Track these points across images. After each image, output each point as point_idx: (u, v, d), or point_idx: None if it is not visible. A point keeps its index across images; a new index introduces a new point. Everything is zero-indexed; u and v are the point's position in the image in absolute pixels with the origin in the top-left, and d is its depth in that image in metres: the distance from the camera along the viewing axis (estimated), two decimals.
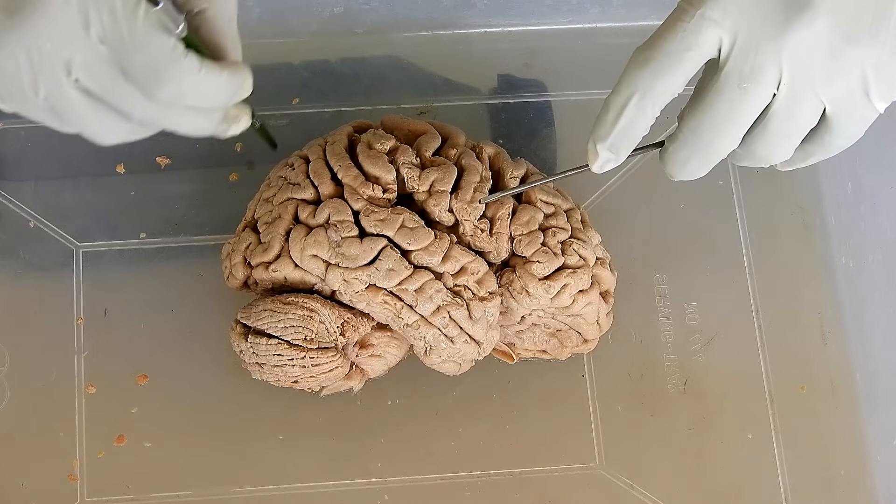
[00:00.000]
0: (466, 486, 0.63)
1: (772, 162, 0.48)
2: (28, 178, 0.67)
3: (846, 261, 0.68)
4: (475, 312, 0.58)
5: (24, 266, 0.66)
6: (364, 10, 0.69)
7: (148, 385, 0.64)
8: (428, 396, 0.64)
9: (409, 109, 0.69)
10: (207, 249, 0.66)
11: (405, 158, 0.59)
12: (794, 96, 0.45)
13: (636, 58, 0.45)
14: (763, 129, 0.46)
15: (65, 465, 0.62)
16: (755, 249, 0.68)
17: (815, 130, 0.47)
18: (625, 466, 0.64)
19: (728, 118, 0.45)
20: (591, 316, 0.61)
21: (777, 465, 0.64)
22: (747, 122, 0.46)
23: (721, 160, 0.48)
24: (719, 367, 0.66)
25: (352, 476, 0.63)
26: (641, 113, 0.45)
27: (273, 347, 0.58)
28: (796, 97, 0.45)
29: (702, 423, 0.65)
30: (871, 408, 0.65)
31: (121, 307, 0.65)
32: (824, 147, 0.47)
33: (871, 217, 0.67)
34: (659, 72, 0.44)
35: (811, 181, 0.70)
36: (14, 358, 0.64)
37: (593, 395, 0.65)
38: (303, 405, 0.63)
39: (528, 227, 0.59)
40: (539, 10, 0.71)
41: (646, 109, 0.45)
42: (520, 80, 0.71)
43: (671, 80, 0.45)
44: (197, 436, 0.63)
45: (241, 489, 0.62)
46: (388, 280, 0.56)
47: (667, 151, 0.49)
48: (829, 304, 0.68)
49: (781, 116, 0.45)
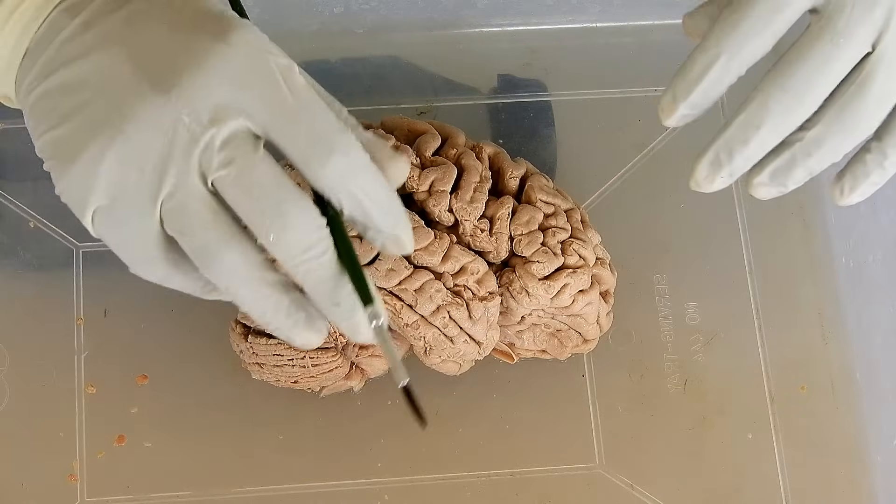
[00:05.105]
0: (466, 486, 0.63)
1: (858, 137, 0.45)
2: (28, 178, 0.67)
3: (846, 260, 0.68)
4: (475, 312, 0.58)
5: (24, 266, 0.66)
6: (364, 10, 0.69)
7: (148, 385, 0.64)
8: (428, 396, 0.64)
9: (409, 109, 0.69)
10: None
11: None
12: (892, 55, 0.43)
13: (726, 18, 0.44)
14: (857, 89, 0.44)
15: (65, 465, 0.62)
16: (755, 249, 0.68)
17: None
18: (625, 466, 0.64)
19: (816, 75, 0.43)
20: (591, 316, 0.61)
21: (777, 465, 0.64)
22: (834, 81, 0.44)
23: None
24: (719, 367, 0.66)
25: (352, 476, 0.63)
26: (726, 73, 0.44)
27: (273, 347, 0.58)
28: (894, 56, 0.43)
29: (702, 423, 0.65)
30: (871, 408, 0.65)
31: (121, 307, 0.65)
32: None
33: (871, 217, 0.67)
34: (749, 34, 0.43)
35: (811, 181, 0.69)
36: (14, 358, 0.64)
37: (593, 395, 0.65)
38: (303, 405, 0.63)
39: (528, 226, 0.59)
40: (539, 9, 0.71)
41: (730, 70, 0.44)
42: (520, 80, 0.71)
43: (760, 41, 0.43)
44: (197, 436, 0.63)
45: (241, 489, 0.62)
46: (387, 280, 0.56)
47: None
48: (829, 304, 0.68)
49: (877, 76, 0.43)
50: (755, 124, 0.44)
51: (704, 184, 0.46)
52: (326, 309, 0.42)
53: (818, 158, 0.45)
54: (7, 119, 0.68)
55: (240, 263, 0.41)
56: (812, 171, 0.46)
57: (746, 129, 0.44)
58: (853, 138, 0.45)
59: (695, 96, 0.45)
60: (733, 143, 0.45)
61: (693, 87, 0.45)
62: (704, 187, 0.47)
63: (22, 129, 0.43)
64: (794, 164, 0.45)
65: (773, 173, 0.46)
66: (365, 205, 0.41)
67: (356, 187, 0.41)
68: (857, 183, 0.46)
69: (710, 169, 0.46)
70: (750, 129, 0.44)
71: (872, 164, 0.46)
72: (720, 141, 0.45)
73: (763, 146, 0.45)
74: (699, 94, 0.45)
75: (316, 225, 0.41)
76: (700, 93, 0.45)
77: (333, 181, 0.41)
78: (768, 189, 0.47)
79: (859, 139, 0.45)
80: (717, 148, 0.45)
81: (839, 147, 0.45)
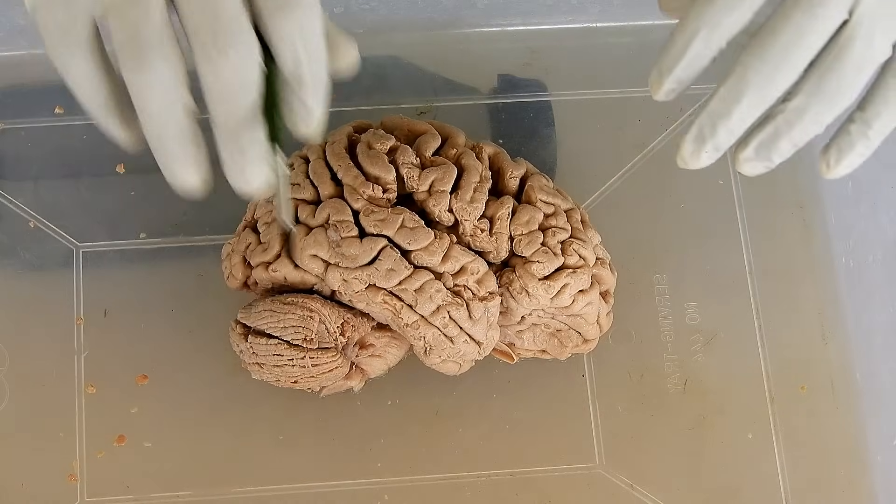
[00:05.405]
0: (466, 486, 0.63)
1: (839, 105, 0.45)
2: (28, 178, 0.67)
3: (846, 261, 0.68)
4: (475, 312, 0.58)
5: (24, 266, 0.66)
6: (364, 10, 0.69)
7: (148, 385, 0.64)
8: (428, 396, 0.64)
9: (409, 109, 0.69)
10: (207, 249, 0.66)
11: (405, 158, 0.59)
12: (868, 22, 0.43)
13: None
14: (836, 57, 0.44)
15: (65, 465, 0.62)
16: (755, 249, 0.68)
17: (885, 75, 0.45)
18: (625, 466, 0.64)
19: (794, 45, 0.43)
20: (591, 316, 0.61)
21: (777, 465, 0.64)
22: (812, 50, 0.44)
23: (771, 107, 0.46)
24: (719, 367, 0.66)
25: (352, 476, 0.63)
26: (706, 47, 0.45)
27: (273, 347, 0.58)
28: (871, 23, 0.43)
29: (702, 423, 0.65)
30: (871, 408, 0.66)
31: (121, 307, 0.65)
32: (888, 102, 0.45)
33: (871, 217, 0.67)
34: (726, 7, 0.44)
35: (811, 181, 0.70)
36: (14, 358, 0.64)
37: (593, 395, 0.65)
38: (303, 405, 0.63)
39: (527, 226, 0.59)
40: (539, 9, 0.71)
41: (711, 44, 0.45)
42: (520, 80, 0.71)
43: (737, 14, 0.44)
44: (197, 436, 0.63)
45: (241, 489, 0.62)
46: (387, 280, 0.56)
47: None
48: (829, 304, 0.68)
49: (855, 43, 0.43)
50: (736, 97, 0.45)
51: (691, 160, 0.47)
52: (229, 151, 0.43)
53: (801, 129, 0.45)
54: (7, 119, 0.68)
55: (167, 76, 0.41)
56: (796, 143, 0.46)
57: (728, 101, 0.45)
58: (835, 107, 0.45)
59: (679, 71, 0.46)
60: (716, 117, 0.45)
61: (676, 62, 0.45)
62: (691, 163, 0.47)
63: (22, 129, 0.43)
64: (777, 137, 0.46)
65: (758, 147, 0.46)
66: (303, 69, 0.42)
67: (304, 48, 0.42)
68: (843, 154, 0.47)
69: (695, 144, 0.46)
70: (731, 101, 0.45)
71: (857, 134, 0.46)
72: (703, 115, 0.46)
73: (745, 118, 0.45)
74: (683, 68, 0.45)
75: (255, 63, 0.41)
76: (684, 67, 0.45)
77: (289, 34, 0.42)
78: (754, 164, 0.47)
79: (841, 108, 0.45)
80: (701, 122, 0.46)
81: (821, 116, 0.45)
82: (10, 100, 0.68)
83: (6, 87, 0.69)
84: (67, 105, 0.68)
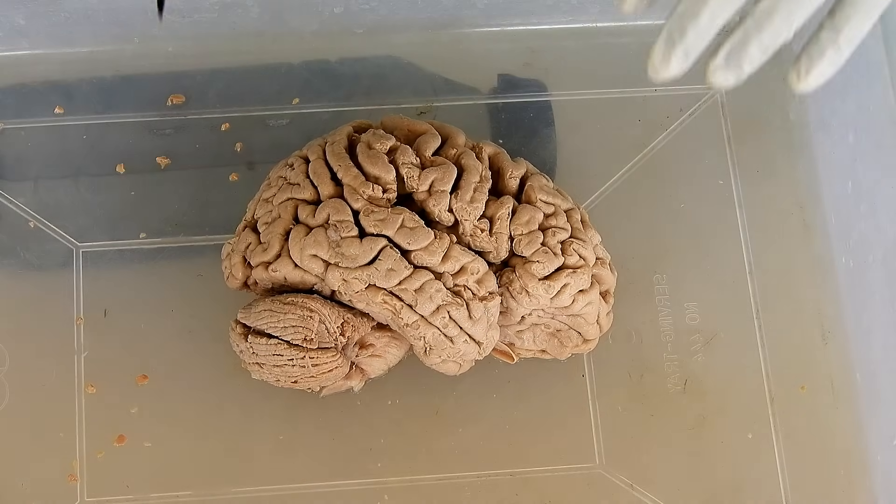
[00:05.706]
0: (466, 486, 0.63)
1: (809, 5, 0.45)
2: (28, 178, 0.67)
3: (846, 261, 0.68)
4: (475, 312, 0.58)
5: (24, 266, 0.66)
6: (364, 10, 0.69)
7: (148, 385, 0.64)
8: (428, 396, 0.64)
9: (409, 109, 0.69)
10: (207, 249, 0.66)
11: (405, 158, 0.59)
12: None
13: None
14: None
15: (65, 465, 0.62)
16: (755, 249, 0.68)
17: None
18: (625, 466, 0.64)
19: None
20: (592, 316, 0.61)
21: (777, 465, 0.64)
22: None
23: None
24: (719, 367, 0.66)
25: (352, 476, 0.63)
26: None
27: (273, 347, 0.58)
28: None
29: (702, 423, 0.65)
30: (871, 408, 0.65)
31: (121, 307, 0.65)
32: (857, 5, 0.45)
33: (871, 217, 0.67)
34: None
35: (811, 181, 0.70)
36: (14, 358, 0.64)
37: (593, 395, 0.65)
38: (303, 405, 0.63)
39: (527, 226, 0.59)
40: (539, 9, 0.71)
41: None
42: (520, 80, 0.71)
43: None
44: (197, 436, 0.63)
45: (241, 489, 0.62)
46: (387, 280, 0.56)
47: None
48: (829, 304, 0.68)
49: None
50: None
51: (661, 66, 0.46)
52: None
53: (771, 33, 0.45)
54: (7, 119, 0.68)
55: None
56: (766, 49, 0.45)
57: (696, 2, 0.44)
58: (803, 8, 0.45)
59: (690, 37, 0.45)
60: (685, 19, 0.45)
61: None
62: (661, 70, 0.46)
63: (22, 129, 0.43)
64: (747, 41, 0.45)
65: (728, 54, 0.45)
66: None
67: None
68: (813, 63, 0.46)
69: (664, 48, 0.45)
70: (699, 1, 0.44)
71: (826, 41, 0.45)
72: (673, 18, 0.45)
73: (714, 19, 0.45)
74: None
75: None
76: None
77: None
78: (725, 73, 0.46)
79: (810, 9, 0.45)
80: (670, 26, 0.45)
81: (790, 18, 0.45)
82: (10, 100, 0.68)
83: (6, 87, 0.69)
84: (67, 105, 0.68)
